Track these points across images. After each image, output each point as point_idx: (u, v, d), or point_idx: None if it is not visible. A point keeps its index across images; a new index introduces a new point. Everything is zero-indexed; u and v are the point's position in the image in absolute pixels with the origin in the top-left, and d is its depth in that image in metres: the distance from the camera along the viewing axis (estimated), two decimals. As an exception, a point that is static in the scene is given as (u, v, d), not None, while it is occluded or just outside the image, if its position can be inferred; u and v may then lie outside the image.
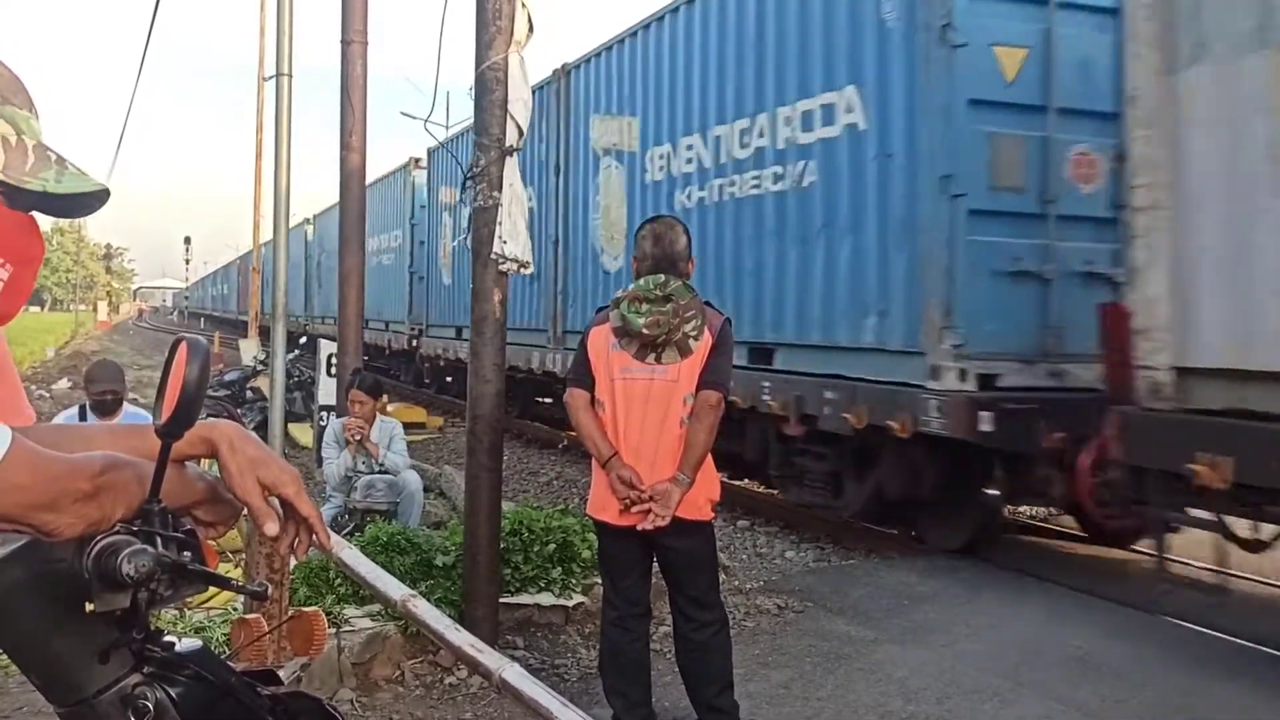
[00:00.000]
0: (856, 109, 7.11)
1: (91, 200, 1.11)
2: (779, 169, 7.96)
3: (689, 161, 9.18)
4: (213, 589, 1.30)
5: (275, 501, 1.17)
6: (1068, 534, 7.66)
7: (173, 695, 1.08)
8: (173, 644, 1.12)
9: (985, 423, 6.07)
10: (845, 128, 7.23)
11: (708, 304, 3.92)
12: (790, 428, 7.56)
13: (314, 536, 1.20)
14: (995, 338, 6.48)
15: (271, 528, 1.15)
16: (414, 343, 17.96)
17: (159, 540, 1.03)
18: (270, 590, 1.16)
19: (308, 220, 27.78)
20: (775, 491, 9.38)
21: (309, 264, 27.76)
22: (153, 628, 1.09)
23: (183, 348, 1.06)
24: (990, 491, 7.06)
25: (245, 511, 1.17)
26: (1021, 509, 8.07)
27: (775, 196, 8.00)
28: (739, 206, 8.46)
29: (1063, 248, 6.65)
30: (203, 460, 1.18)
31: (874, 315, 6.97)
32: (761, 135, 8.17)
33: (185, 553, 1.06)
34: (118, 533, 1.01)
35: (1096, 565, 6.84)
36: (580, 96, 11.45)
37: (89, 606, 1.01)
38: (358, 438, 6.74)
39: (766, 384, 7.83)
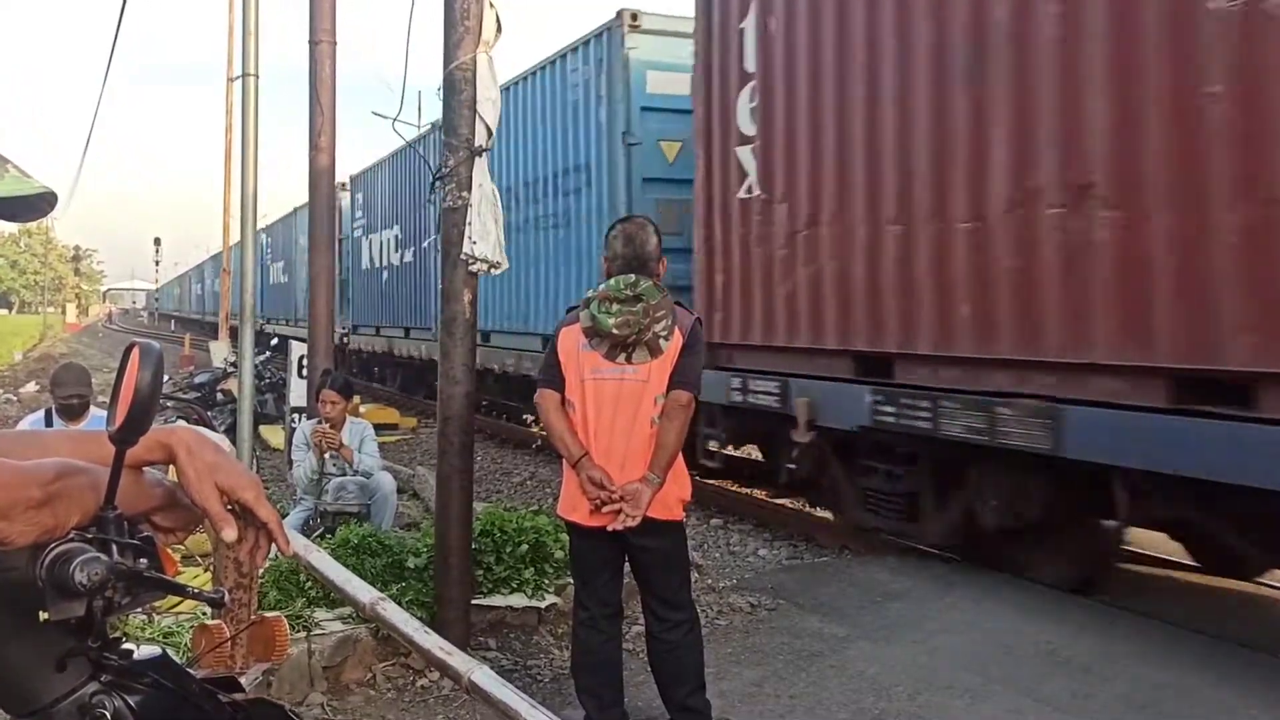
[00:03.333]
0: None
1: (37, 203, 1.10)
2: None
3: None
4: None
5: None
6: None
7: (131, 704, 1.07)
8: (131, 652, 1.11)
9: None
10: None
11: (678, 304, 3.93)
12: None
13: (274, 541, 1.19)
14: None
15: (229, 533, 1.14)
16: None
17: (114, 547, 1.02)
18: (227, 597, 1.15)
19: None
20: (748, 490, 9.42)
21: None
22: (113, 635, 1.08)
23: (135, 352, 1.04)
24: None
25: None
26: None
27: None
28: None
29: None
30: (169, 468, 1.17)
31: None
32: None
33: (141, 560, 1.05)
34: (72, 540, 1.00)
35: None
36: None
37: (43, 615, 1.00)
38: (329, 451, 6.65)
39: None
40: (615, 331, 3.74)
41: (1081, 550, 6.11)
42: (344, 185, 18.34)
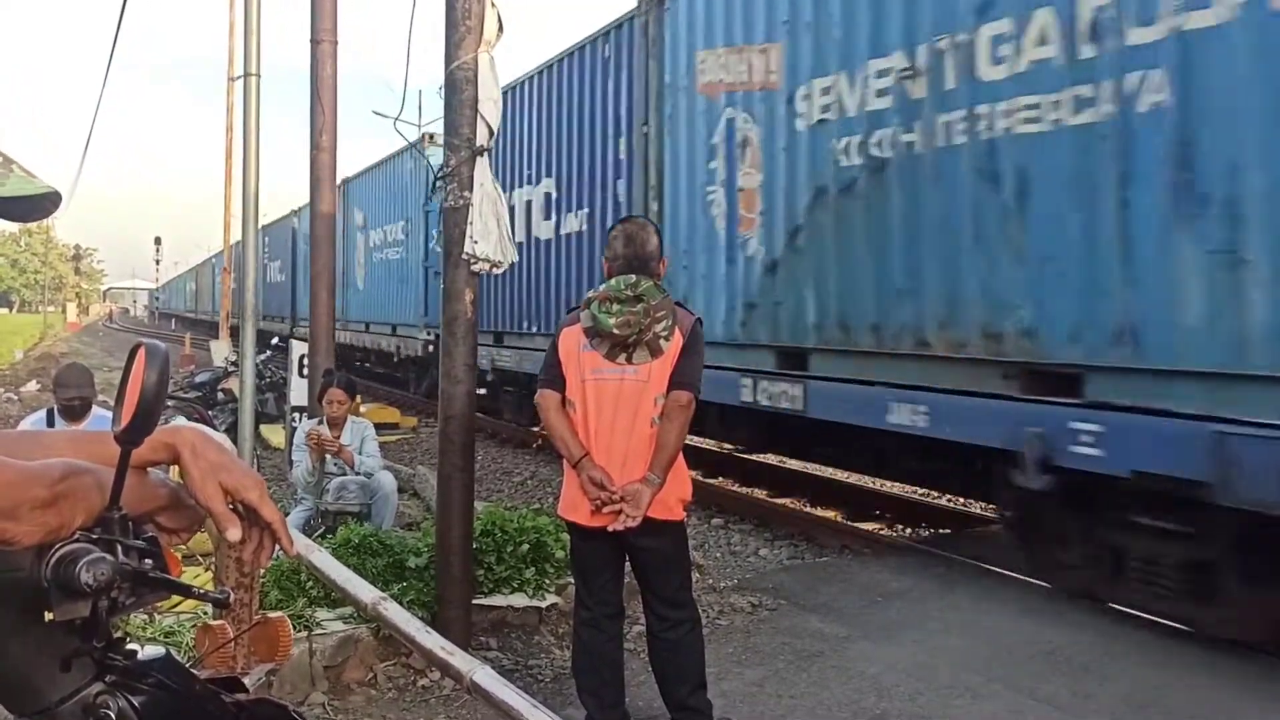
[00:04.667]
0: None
1: (42, 203, 1.10)
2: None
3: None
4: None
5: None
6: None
7: (135, 704, 1.07)
8: (135, 652, 1.11)
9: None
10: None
11: (679, 304, 3.93)
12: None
13: (277, 542, 1.20)
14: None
15: (234, 533, 1.14)
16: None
17: (119, 548, 1.02)
18: (232, 597, 1.15)
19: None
20: (748, 490, 9.41)
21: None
22: (118, 635, 1.08)
23: (141, 353, 1.05)
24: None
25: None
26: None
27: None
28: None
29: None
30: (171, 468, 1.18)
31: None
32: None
33: (146, 560, 1.05)
34: (77, 541, 1.00)
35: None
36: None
37: (48, 615, 1.00)
38: (330, 452, 6.63)
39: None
40: (616, 331, 3.74)
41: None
42: (431, 138, 16.57)
